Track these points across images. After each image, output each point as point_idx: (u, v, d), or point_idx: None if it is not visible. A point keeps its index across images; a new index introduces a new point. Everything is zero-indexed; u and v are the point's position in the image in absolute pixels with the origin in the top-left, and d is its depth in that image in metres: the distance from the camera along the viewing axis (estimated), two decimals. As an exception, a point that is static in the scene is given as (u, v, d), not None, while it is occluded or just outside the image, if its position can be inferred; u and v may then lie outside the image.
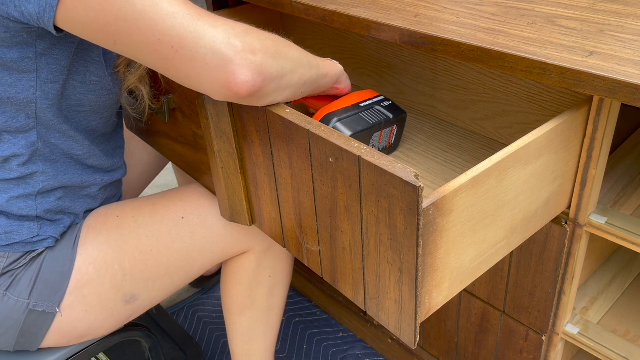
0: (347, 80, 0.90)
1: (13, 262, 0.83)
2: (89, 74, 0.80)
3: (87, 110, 0.83)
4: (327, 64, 0.83)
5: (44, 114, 0.78)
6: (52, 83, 0.77)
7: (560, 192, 0.78)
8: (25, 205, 0.83)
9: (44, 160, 0.82)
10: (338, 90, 0.88)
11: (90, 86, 0.81)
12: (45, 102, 0.77)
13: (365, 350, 1.43)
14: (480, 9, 0.88)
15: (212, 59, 0.64)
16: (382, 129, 0.93)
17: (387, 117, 0.93)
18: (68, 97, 0.80)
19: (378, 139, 0.93)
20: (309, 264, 0.78)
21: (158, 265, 0.92)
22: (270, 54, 0.67)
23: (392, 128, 0.95)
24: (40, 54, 0.73)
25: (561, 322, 0.92)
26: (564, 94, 0.88)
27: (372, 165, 0.58)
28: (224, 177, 0.84)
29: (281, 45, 0.70)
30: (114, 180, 0.95)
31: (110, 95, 0.85)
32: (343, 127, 0.87)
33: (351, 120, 0.88)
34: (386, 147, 0.97)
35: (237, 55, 0.64)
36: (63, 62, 0.76)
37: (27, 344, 0.88)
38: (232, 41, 0.64)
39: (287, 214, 0.78)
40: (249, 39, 0.65)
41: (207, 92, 0.68)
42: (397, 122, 0.95)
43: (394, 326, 0.66)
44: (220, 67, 0.64)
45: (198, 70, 0.65)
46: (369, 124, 0.90)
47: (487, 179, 0.62)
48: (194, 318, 1.57)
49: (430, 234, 0.59)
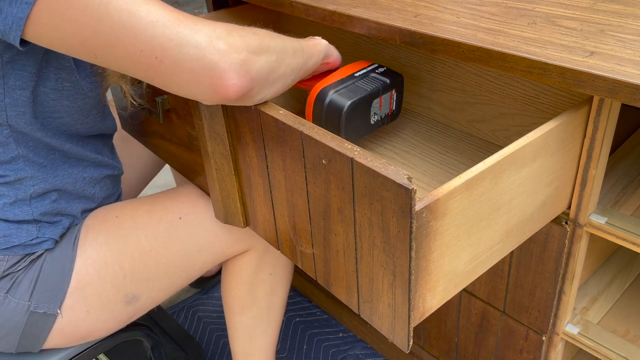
0: (336, 52, 0.88)
1: (13, 264, 0.83)
2: (60, 80, 0.79)
3: (63, 116, 0.82)
4: (311, 44, 0.82)
5: (15, 121, 0.77)
6: (21, 90, 0.75)
7: (557, 195, 0.78)
8: (21, 211, 0.83)
9: (31, 165, 0.82)
10: (329, 64, 0.87)
11: (63, 92, 0.80)
12: (15, 109, 0.76)
13: (365, 350, 1.43)
14: (480, 9, 0.88)
15: (197, 65, 0.63)
16: (380, 94, 0.91)
17: (384, 82, 0.91)
18: (41, 104, 0.79)
19: (379, 106, 0.92)
20: (302, 266, 0.78)
21: (157, 266, 0.92)
22: (254, 51, 0.66)
23: (391, 93, 0.93)
24: (6, 62, 0.72)
25: (561, 322, 0.92)
26: (561, 96, 0.87)
27: (365, 167, 0.57)
28: (218, 179, 0.83)
29: (263, 38, 0.69)
30: (105, 176, 0.95)
31: (86, 100, 0.84)
32: (340, 98, 0.86)
33: (348, 90, 0.87)
34: (388, 115, 0.96)
35: (222, 59, 0.63)
36: (30, 68, 0.75)
37: (29, 346, 0.88)
38: (215, 44, 0.63)
39: (280, 216, 0.77)
40: (232, 39, 0.64)
41: (197, 98, 0.67)
42: (394, 86, 0.94)
43: (387, 330, 0.66)
44: (206, 73, 0.63)
45: (185, 78, 0.64)
46: (366, 91, 0.88)
47: (482, 181, 0.62)
48: (194, 318, 1.57)
49: (424, 237, 0.58)
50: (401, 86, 0.96)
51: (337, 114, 0.86)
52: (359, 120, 0.90)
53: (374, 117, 0.93)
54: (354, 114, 0.87)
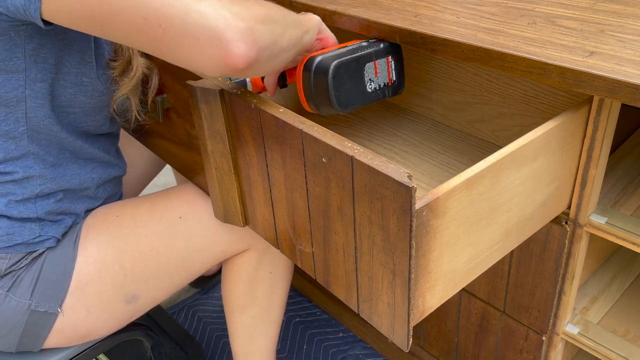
0: (328, 30, 0.86)
1: (15, 263, 0.83)
2: (80, 74, 0.80)
3: (77, 112, 0.83)
4: (307, 18, 0.80)
5: (34, 113, 0.78)
6: (41, 82, 0.76)
7: (557, 195, 0.78)
8: (25, 208, 0.83)
9: (40, 163, 0.82)
10: (322, 41, 0.85)
11: (81, 87, 0.81)
12: (35, 101, 0.77)
13: (365, 350, 1.43)
14: (480, 9, 0.88)
15: (203, 34, 0.62)
16: (374, 59, 0.87)
17: (377, 46, 0.87)
18: (58, 97, 0.79)
19: (374, 72, 0.87)
20: (302, 265, 0.78)
21: (158, 265, 0.92)
22: (260, 20, 0.65)
23: (387, 60, 0.89)
24: (29, 54, 0.73)
25: (561, 322, 0.92)
26: (560, 96, 0.87)
27: (365, 165, 0.57)
28: (218, 178, 0.83)
29: (267, 9, 0.68)
30: (112, 177, 0.95)
31: (101, 97, 0.84)
32: (326, 61, 0.81)
33: (335, 54, 0.83)
34: (388, 84, 0.90)
35: (227, 28, 0.62)
36: (51, 60, 0.76)
37: (30, 345, 0.88)
38: (220, 12, 0.62)
39: (280, 214, 0.77)
40: (237, 8, 0.63)
41: (204, 70, 0.66)
42: (389, 52, 0.88)
43: (386, 329, 0.66)
44: (212, 43, 0.62)
45: (190, 48, 0.63)
46: (355, 52, 0.84)
47: (482, 180, 0.62)
48: (194, 318, 1.57)
49: (424, 236, 0.58)
50: (398, 53, 0.90)
51: (324, 78, 0.81)
52: (351, 85, 0.85)
53: (370, 85, 0.88)
54: (344, 76, 0.83)
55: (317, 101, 0.84)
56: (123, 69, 0.82)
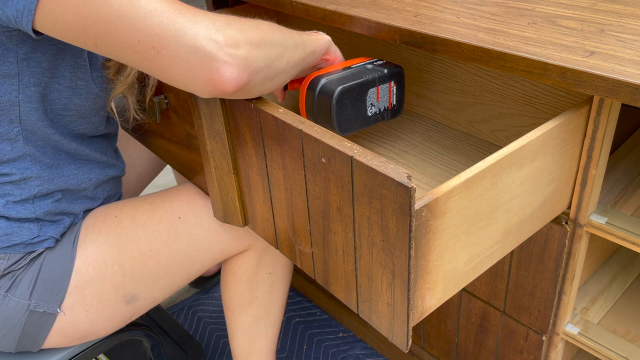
0: (338, 51, 0.87)
1: (13, 263, 0.83)
2: (74, 78, 0.79)
3: (72, 115, 0.83)
4: (313, 39, 0.80)
5: (27, 117, 0.78)
6: (35, 86, 0.76)
7: (557, 195, 0.78)
8: (24, 209, 0.83)
9: (37, 164, 0.82)
10: (328, 61, 0.86)
11: (76, 90, 0.80)
12: (28, 105, 0.77)
13: (365, 350, 1.43)
14: (480, 8, 0.88)
15: (195, 58, 0.62)
16: (377, 84, 0.88)
17: (381, 71, 0.88)
18: (53, 101, 0.79)
19: (376, 97, 0.89)
20: (301, 265, 0.78)
21: (157, 265, 0.92)
22: (255, 44, 0.65)
23: (390, 85, 0.90)
24: (22, 58, 0.73)
25: (561, 322, 0.92)
26: (560, 96, 0.87)
27: (365, 165, 0.57)
28: (217, 178, 0.83)
29: (265, 31, 0.68)
30: (110, 178, 0.95)
31: (96, 100, 0.84)
32: (331, 84, 0.83)
33: (340, 77, 0.84)
34: (388, 109, 0.92)
35: (219, 51, 0.62)
36: (44, 64, 0.75)
37: (29, 345, 0.88)
38: (213, 36, 0.62)
39: (279, 215, 0.77)
40: (231, 32, 0.63)
41: (194, 91, 0.67)
42: (392, 77, 0.90)
43: (386, 329, 0.66)
44: (203, 66, 0.63)
45: (182, 70, 0.64)
46: (360, 78, 0.85)
47: (481, 181, 0.62)
48: (194, 318, 1.57)
49: (423, 236, 0.58)
50: (401, 78, 0.92)
51: (327, 101, 0.83)
52: (352, 110, 0.86)
53: (371, 109, 0.90)
54: (347, 102, 0.84)
55: (318, 118, 0.86)
56: (118, 69, 0.82)
